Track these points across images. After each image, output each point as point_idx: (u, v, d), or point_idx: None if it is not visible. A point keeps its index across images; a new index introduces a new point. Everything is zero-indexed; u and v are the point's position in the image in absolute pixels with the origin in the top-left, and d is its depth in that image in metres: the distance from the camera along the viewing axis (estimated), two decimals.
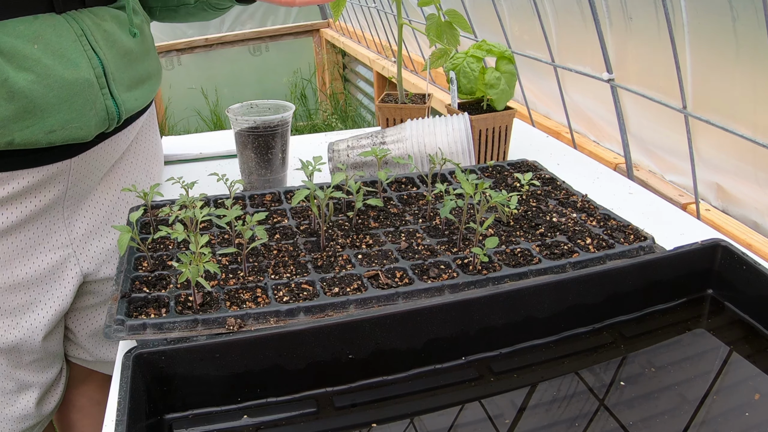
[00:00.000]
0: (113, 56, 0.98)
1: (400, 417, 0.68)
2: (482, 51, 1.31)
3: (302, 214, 1.01)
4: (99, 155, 1.04)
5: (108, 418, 0.71)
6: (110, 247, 1.12)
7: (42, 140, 0.90)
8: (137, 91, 1.05)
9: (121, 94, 1.00)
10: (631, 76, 1.52)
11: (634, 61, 1.49)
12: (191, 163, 1.52)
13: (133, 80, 1.04)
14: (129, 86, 1.03)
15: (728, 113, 1.25)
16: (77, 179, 1.02)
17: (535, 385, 0.71)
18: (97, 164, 1.05)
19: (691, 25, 1.25)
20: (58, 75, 0.89)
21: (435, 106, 2.53)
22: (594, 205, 0.99)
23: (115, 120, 1.00)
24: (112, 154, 1.08)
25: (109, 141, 1.05)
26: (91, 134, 0.95)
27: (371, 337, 0.70)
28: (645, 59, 1.45)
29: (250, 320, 0.74)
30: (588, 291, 0.77)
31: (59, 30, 0.90)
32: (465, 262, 0.84)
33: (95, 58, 0.94)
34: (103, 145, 1.04)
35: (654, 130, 1.53)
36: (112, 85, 0.97)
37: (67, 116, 0.91)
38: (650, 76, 1.45)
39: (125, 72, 1.01)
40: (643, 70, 1.47)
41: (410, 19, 3.04)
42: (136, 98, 1.05)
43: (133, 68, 1.04)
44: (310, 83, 5.49)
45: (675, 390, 0.68)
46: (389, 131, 1.22)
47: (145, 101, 1.08)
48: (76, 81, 0.91)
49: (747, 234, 1.24)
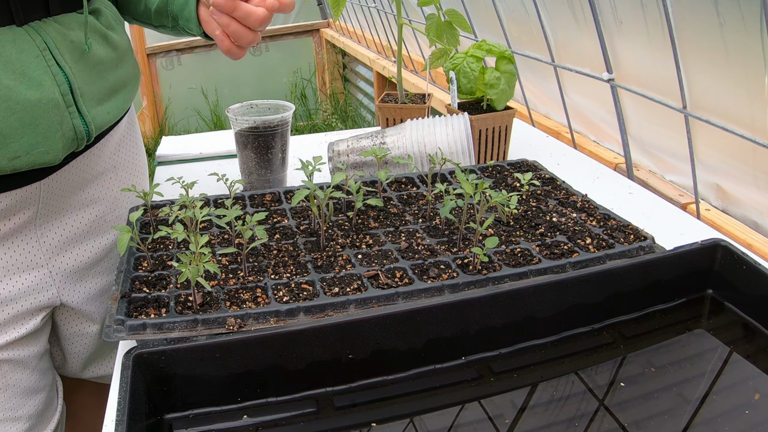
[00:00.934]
0: (81, 69, 0.91)
1: (400, 417, 0.68)
2: (482, 51, 1.31)
3: (302, 214, 1.01)
4: (71, 174, 0.98)
5: (108, 418, 0.71)
6: (89, 262, 1.05)
7: (5, 167, 0.83)
8: (109, 104, 0.98)
9: (90, 109, 0.92)
10: (628, 77, 1.52)
11: (628, 63, 1.49)
12: (191, 163, 1.52)
13: (104, 92, 0.96)
14: (100, 99, 0.95)
15: (724, 115, 1.25)
16: (48, 201, 0.95)
17: (535, 385, 0.71)
18: (70, 183, 0.98)
19: (679, 29, 1.26)
20: (20, 97, 0.82)
21: (435, 106, 2.53)
22: (594, 205, 0.99)
23: (85, 139, 0.92)
24: (87, 171, 1.01)
25: (82, 158, 0.99)
26: (58, 158, 0.88)
27: (371, 337, 0.70)
28: (640, 61, 1.45)
29: (250, 320, 0.74)
30: (588, 291, 0.77)
31: (20, 45, 0.83)
32: (465, 262, 0.84)
33: (60, 73, 0.87)
34: (75, 164, 0.98)
35: (654, 130, 1.53)
36: (79, 101, 0.90)
37: (32, 141, 0.84)
38: (647, 78, 1.45)
39: (95, 84, 0.94)
40: (639, 71, 1.47)
41: (410, 19, 3.04)
42: (108, 111, 0.97)
43: (104, 79, 0.96)
44: (310, 83, 5.49)
45: (675, 390, 0.68)
46: (389, 131, 1.22)
47: (118, 113, 1.00)
48: (40, 102, 0.84)
49: (747, 234, 1.24)
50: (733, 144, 1.25)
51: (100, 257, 1.07)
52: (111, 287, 1.08)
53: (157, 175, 1.46)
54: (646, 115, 1.52)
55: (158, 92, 5.16)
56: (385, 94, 1.46)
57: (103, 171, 1.06)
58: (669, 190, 1.48)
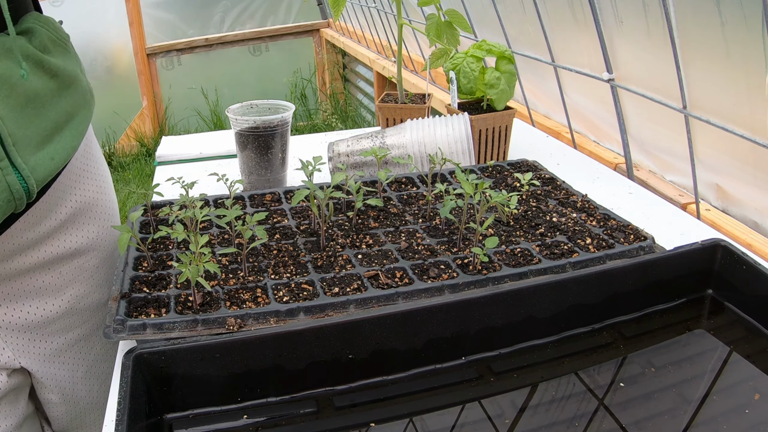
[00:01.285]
0: (11, 109, 0.71)
1: (400, 417, 0.68)
2: (482, 51, 1.31)
3: (302, 214, 1.01)
4: (15, 236, 0.80)
5: (108, 418, 0.71)
6: (43, 320, 0.87)
7: None
8: (53, 146, 0.79)
9: (28, 159, 0.73)
10: (628, 77, 1.52)
11: (628, 63, 1.49)
12: (191, 163, 1.52)
13: (45, 132, 0.77)
14: (40, 143, 0.76)
15: (724, 115, 1.25)
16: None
17: (535, 385, 0.71)
18: (17, 245, 0.81)
19: (679, 28, 1.26)
20: None
21: (435, 106, 2.53)
22: (594, 205, 0.99)
23: (24, 198, 0.74)
24: (35, 230, 0.83)
25: (27, 216, 0.81)
26: None
27: (371, 337, 0.70)
28: (641, 60, 1.45)
29: (250, 320, 0.74)
30: (588, 291, 0.77)
31: None
32: (465, 262, 0.84)
33: None
34: (19, 225, 0.80)
35: (654, 130, 1.53)
36: (12, 152, 0.71)
37: None
38: (647, 78, 1.45)
39: (32, 125, 0.75)
40: (639, 71, 1.47)
41: (410, 19, 3.04)
42: (53, 156, 0.78)
43: (44, 116, 0.77)
44: (310, 83, 5.49)
45: (675, 390, 0.68)
46: (389, 131, 1.22)
47: (66, 156, 0.81)
48: None
49: (747, 234, 1.24)
50: (733, 144, 1.25)
51: (57, 316, 0.90)
52: (70, 349, 0.93)
53: (157, 175, 1.46)
54: (646, 115, 1.52)
55: (158, 92, 5.16)
56: (385, 94, 1.46)
57: (58, 226, 0.88)
58: (669, 190, 1.47)
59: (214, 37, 5.14)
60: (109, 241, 0.99)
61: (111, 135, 4.91)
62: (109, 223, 0.99)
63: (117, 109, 4.83)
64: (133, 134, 5.00)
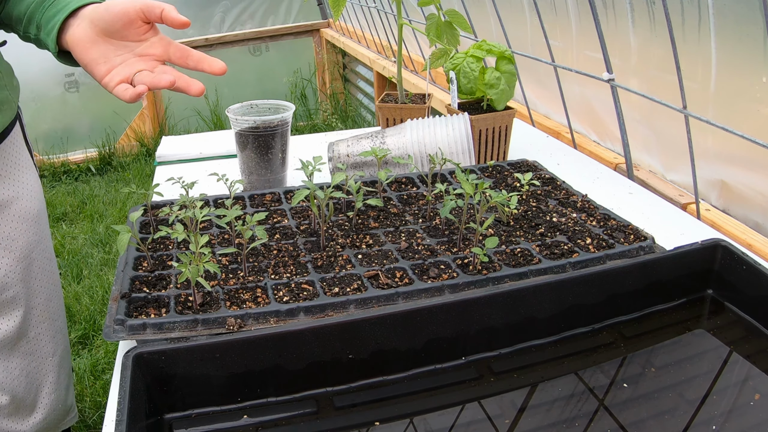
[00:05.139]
0: None
1: (400, 417, 0.68)
2: (482, 51, 1.31)
3: (302, 214, 1.01)
4: None
5: (108, 418, 0.71)
6: None
7: None
8: None
9: None
10: (629, 76, 1.52)
11: (629, 61, 1.49)
12: (191, 163, 1.52)
13: None
14: None
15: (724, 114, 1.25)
16: None
17: (535, 385, 0.71)
18: None
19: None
20: None
21: (435, 106, 2.53)
22: (594, 205, 0.99)
23: None
24: None
25: None
26: None
27: (371, 337, 0.70)
28: (641, 60, 1.45)
29: (250, 320, 0.74)
30: (588, 291, 0.77)
31: None
32: (465, 262, 0.84)
33: None
34: None
35: (654, 130, 1.53)
36: None
37: None
38: (648, 77, 1.45)
39: None
40: (639, 70, 1.47)
41: (410, 19, 3.04)
42: None
43: None
44: (310, 83, 5.49)
45: (675, 390, 0.68)
46: (389, 131, 1.22)
47: None
48: None
49: (747, 234, 1.24)
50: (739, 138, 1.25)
51: None
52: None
53: (157, 175, 1.46)
54: (647, 115, 1.52)
55: (158, 92, 5.16)
56: (385, 94, 1.46)
57: None
58: (669, 190, 1.47)
59: (214, 37, 5.13)
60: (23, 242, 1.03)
61: (111, 135, 4.90)
62: (25, 225, 1.04)
63: (117, 109, 4.83)
64: (133, 134, 4.99)
